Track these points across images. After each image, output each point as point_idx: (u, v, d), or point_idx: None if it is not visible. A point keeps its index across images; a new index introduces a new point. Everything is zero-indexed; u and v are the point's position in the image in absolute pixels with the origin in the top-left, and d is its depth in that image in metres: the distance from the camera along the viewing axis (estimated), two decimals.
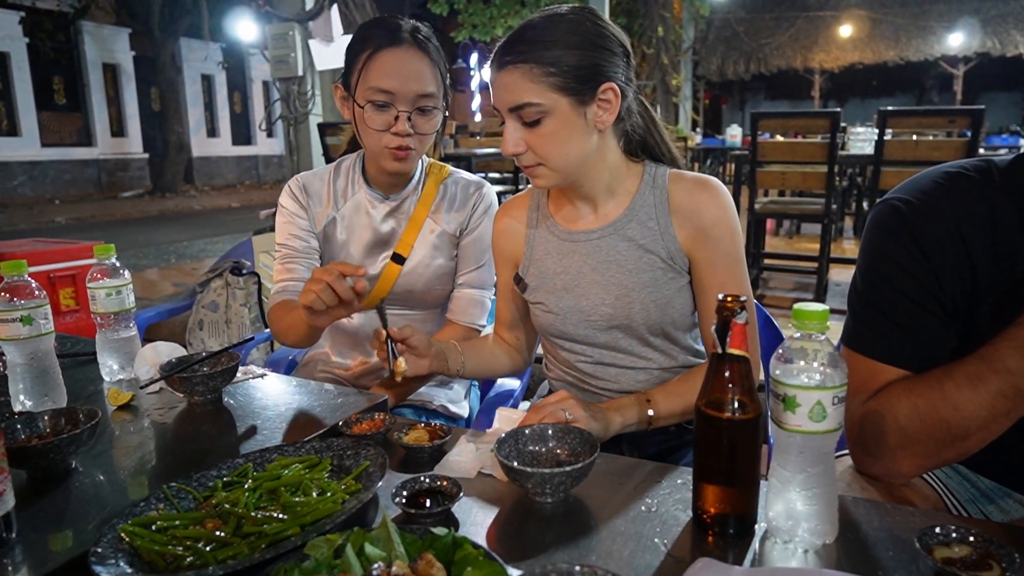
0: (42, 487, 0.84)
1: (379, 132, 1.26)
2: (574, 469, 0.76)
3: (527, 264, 1.21)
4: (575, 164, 1.07)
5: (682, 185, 1.12)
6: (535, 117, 1.02)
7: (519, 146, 1.05)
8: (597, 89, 1.03)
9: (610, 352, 1.16)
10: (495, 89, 1.06)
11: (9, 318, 1.03)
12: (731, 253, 1.09)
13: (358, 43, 1.28)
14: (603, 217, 1.15)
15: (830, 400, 0.66)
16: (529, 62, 1.01)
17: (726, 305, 0.69)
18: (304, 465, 0.85)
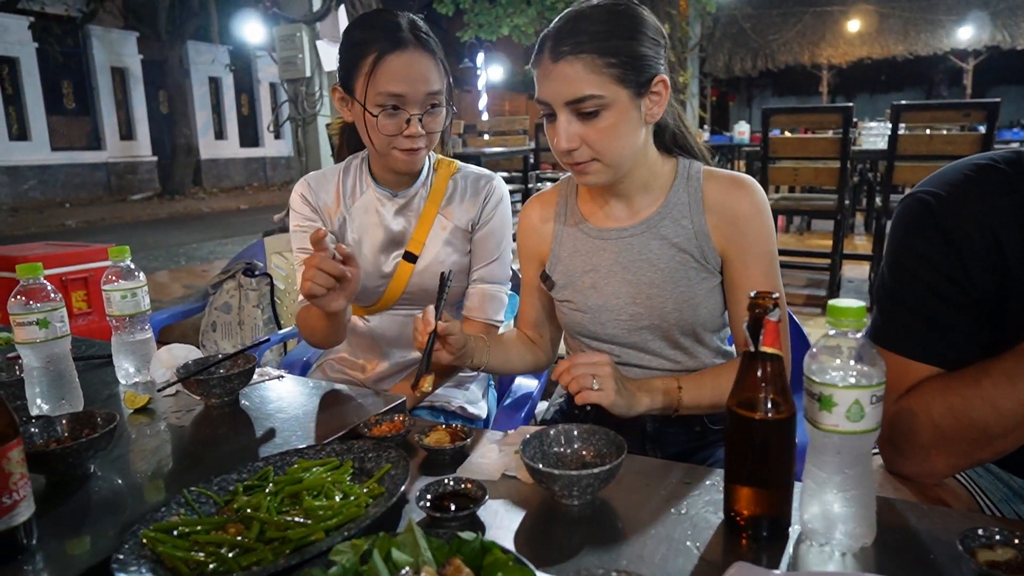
0: (61, 492, 0.83)
1: (390, 136, 1.24)
2: (602, 471, 0.75)
3: (554, 262, 1.20)
4: (628, 159, 1.05)
5: (717, 182, 1.10)
6: (594, 109, 0.99)
7: (574, 141, 1.01)
8: (651, 81, 1.02)
9: (637, 353, 1.14)
10: (548, 82, 1.01)
11: (25, 321, 1.02)
12: (766, 252, 1.07)
13: (359, 45, 1.23)
14: (635, 214, 1.13)
15: (868, 399, 0.64)
16: (592, 52, 0.97)
17: (759, 302, 0.68)
18: (325, 468, 0.84)
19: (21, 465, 0.69)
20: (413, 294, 1.38)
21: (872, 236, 5.93)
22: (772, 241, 1.08)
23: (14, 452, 0.68)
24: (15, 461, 0.68)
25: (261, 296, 2.12)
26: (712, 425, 1.15)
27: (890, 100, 9.91)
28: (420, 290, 1.37)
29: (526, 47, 14.65)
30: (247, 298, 2.10)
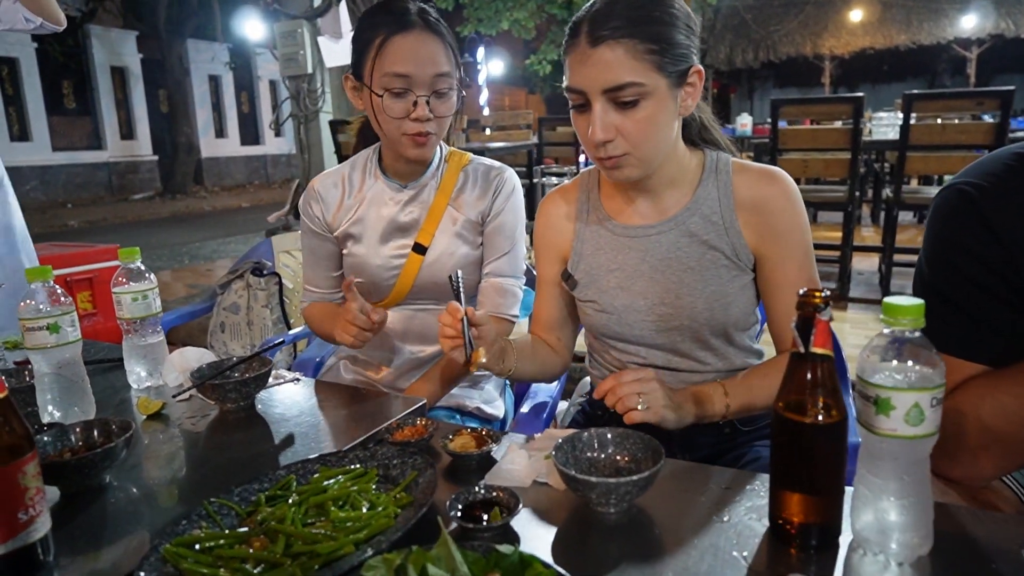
0: (77, 504, 0.80)
1: (398, 119, 1.22)
2: (641, 478, 0.72)
3: (576, 260, 1.15)
4: (661, 154, 1.01)
5: (748, 176, 1.06)
6: (633, 98, 0.94)
7: (610, 132, 0.96)
8: (688, 72, 0.98)
9: (664, 354, 1.10)
10: (585, 68, 0.95)
11: (36, 326, 0.99)
12: (802, 248, 1.03)
13: (366, 30, 1.24)
14: (663, 211, 1.09)
15: (928, 402, 0.60)
16: (634, 37, 0.92)
17: (809, 301, 0.64)
18: (349, 477, 0.81)
19: (37, 479, 0.66)
20: (424, 288, 1.35)
21: (880, 227, 5.90)
22: (807, 234, 1.04)
23: (29, 466, 0.65)
24: (30, 475, 0.65)
25: (270, 296, 2.09)
26: (742, 427, 1.12)
27: (893, 90, 9.70)
28: (431, 283, 1.34)
29: (526, 41, 14.59)
30: (256, 298, 2.07)
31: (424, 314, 1.38)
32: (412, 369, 1.38)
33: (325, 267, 1.43)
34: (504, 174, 1.36)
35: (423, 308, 1.38)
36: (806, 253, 1.04)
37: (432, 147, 1.28)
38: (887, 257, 3.60)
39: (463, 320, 0.98)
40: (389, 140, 1.27)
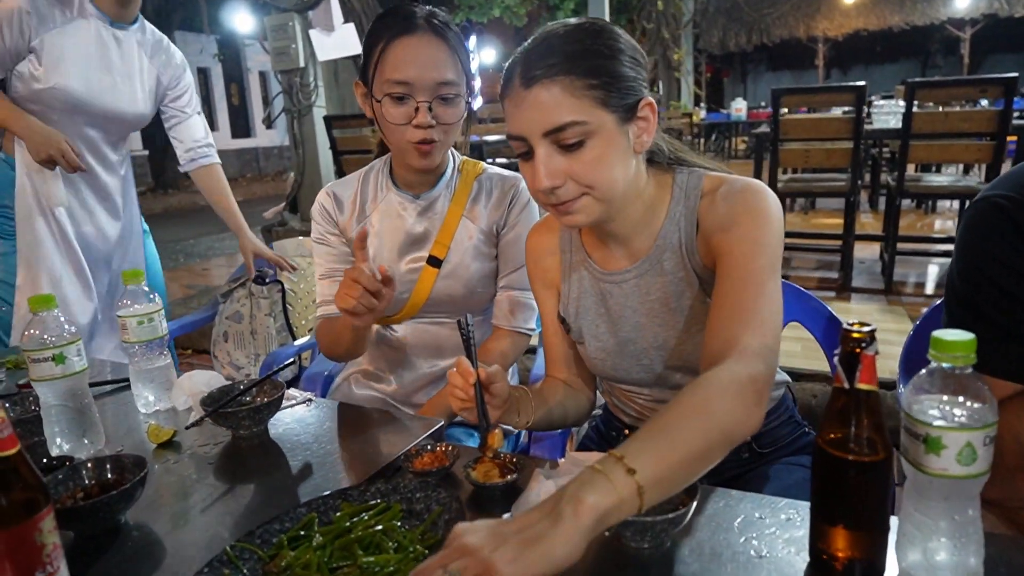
0: (92, 549, 0.78)
1: (400, 126, 1.18)
2: (677, 516, 0.70)
3: (566, 303, 1.11)
4: (620, 193, 0.92)
5: (714, 196, 0.96)
6: (576, 139, 0.86)
7: (557, 178, 0.87)
8: (637, 106, 0.90)
9: (671, 391, 1.06)
10: (521, 111, 0.87)
11: (40, 358, 0.96)
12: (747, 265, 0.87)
13: (372, 35, 1.21)
14: (635, 254, 1.02)
15: (981, 441, 0.58)
16: (570, 74, 0.85)
17: (852, 336, 0.62)
18: (373, 514, 0.78)
19: (54, 534, 0.64)
20: (438, 301, 1.32)
21: (879, 213, 5.88)
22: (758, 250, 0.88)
23: (45, 522, 0.62)
24: (47, 531, 0.63)
25: (273, 304, 2.06)
26: (760, 449, 1.09)
27: (886, 72, 9.61)
28: (446, 296, 1.31)
29: (517, 28, 14.46)
30: (259, 307, 2.04)
31: (438, 327, 1.35)
32: (427, 384, 1.36)
33: (340, 279, 1.39)
34: (519, 184, 1.33)
35: (437, 321, 1.35)
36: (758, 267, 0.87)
37: (437, 155, 1.24)
38: (890, 246, 3.58)
39: (477, 386, 0.90)
40: (395, 149, 1.24)
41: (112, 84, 1.84)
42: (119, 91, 1.86)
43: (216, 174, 2.09)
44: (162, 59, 1.94)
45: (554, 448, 1.21)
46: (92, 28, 1.78)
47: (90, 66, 1.78)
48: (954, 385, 0.59)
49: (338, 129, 4.57)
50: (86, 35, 1.77)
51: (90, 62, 1.78)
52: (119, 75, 1.85)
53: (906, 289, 3.78)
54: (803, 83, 18.28)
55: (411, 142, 1.19)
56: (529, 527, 0.60)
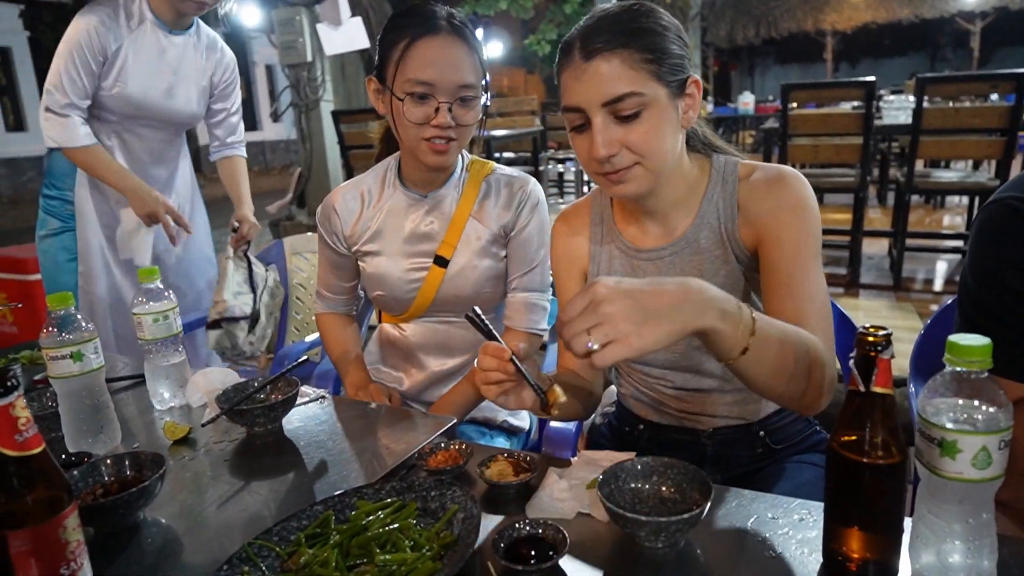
0: (112, 545, 0.79)
1: (419, 125, 1.18)
2: (692, 516, 0.70)
3: None
4: (668, 165, 0.97)
5: (753, 181, 1.01)
6: (634, 110, 0.91)
7: (613, 147, 0.92)
8: (686, 83, 0.95)
9: (695, 376, 1.07)
10: (580, 84, 0.92)
11: (59, 355, 0.97)
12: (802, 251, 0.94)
13: (392, 32, 1.20)
14: (672, 231, 1.05)
15: (996, 445, 0.59)
16: (628, 47, 0.90)
17: (868, 339, 0.62)
18: (389, 512, 0.79)
19: (77, 531, 0.65)
20: (445, 300, 1.32)
21: (887, 208, 5.85)
22: (810, 237, 0.95)
23: (69, 519, 0.63)
24: (71, 528, 0.64)
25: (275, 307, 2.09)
26: (774, 445, 1.10)
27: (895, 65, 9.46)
28: (453, 296, 1.32)
29: (524, 21, 14.40)
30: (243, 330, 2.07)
31: (446, 327, 1.36)
32: (436, 382, 1.36)
33: (339, 276, 1.42)
34: (528, 186, 1.33)
35: (445, 320, 1.36)
36: (807, 257, 0.94)
37: (453, 155, 1.25)
38: (899, 243, 3.57)
39: (513, 359, 0.86)
40: (408, 146, 1.24)
41: (168, 87, 1.91)
42: (175, 94, 1.93)
43: (238, 163, 2.16)
44: (215, 59, 2.00)
45: (566, 447, 1.21)
46: (152, 36, 1.85)
47: (150, 72, 1.86)
48: (969, 389, 0.60)
49: (345, 124, 4.57)
50: (146, 43, 1.84)
51: (150, 69, 1.85)
52: (176, 78, 1.91)
53: (915, 285, 3.76)
54: (811, 76, 18.15)
55: (428, 140, 1.20)
56: (661, 310, 0.70)
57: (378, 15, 5.81)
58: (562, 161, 6.47)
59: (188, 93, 1.96)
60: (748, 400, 1.08)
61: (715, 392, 1.08)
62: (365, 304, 1.57)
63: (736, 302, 0.77)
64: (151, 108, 1.90)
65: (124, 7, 1.81)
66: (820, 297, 0.93)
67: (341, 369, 1.40)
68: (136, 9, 1.82)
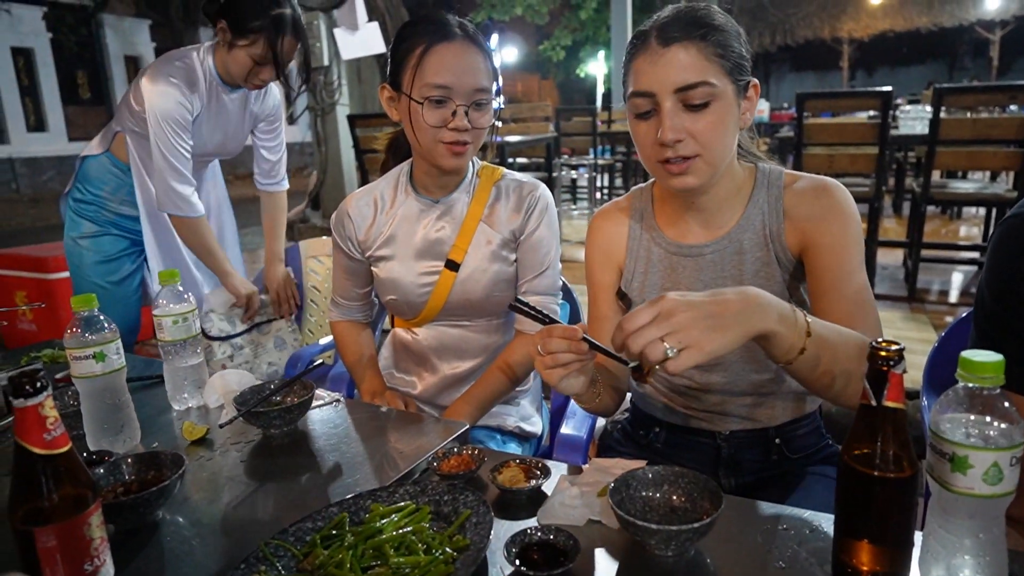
0: (131, 543, 0.81)
1: (435, 128, 1.21)
2: (703, 525, 0.71)
3: (630, 277, 1.14)
4: (727, 160, 1.00)
5: (798, 188, 1.05)
6: (704, 100, 0.94)
7: (680, 133, 0.95)
8: (748, 84, 1.00)
9: (720, 377, 1.08)
10: (655, 68, 0.95)
11: (82, 355, 1.00)
12: (849, 257, 0.99)
13: (407, 40, 1.23)
14: (715, 229, 1.08)
15: (1008, 461, 0.59)
16: (705, 39, 0.94)
17: (880, 354, 0.63)
18: (403, 515, 0.81)
19: (101, 528, 0.67)
20: (457, 304, 1.34)
21: (902, 218, 5.81)
22: (853, 247, 1.00)
23: (94, 517, 0.65)
24: (95, 525, 0.66)
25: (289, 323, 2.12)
26: (790, 454, 1.10)
27: (913, 73, 9.40)
28: (464, 300, 1.33)
29: (539, 27, 14.45)
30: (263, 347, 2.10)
31: (458, 331, 1.37)
32: (449, 386, 1.38)
33: (354, 282, 1.44)
34: (537, 191, 1.34)
35: (457, 325, 1.37)
36: (851, 266, 0.99)
37: (468, 158, 1.27)
38: (914, 253, 3.55)
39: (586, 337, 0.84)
40: (423, 150, 1.26)
41: (224, 139, 2.02)
42: (229, 138, 2.04)
43: (279, 200, 2.26)
44: (262, 103, 2.07)
45: (578, 453, 1.22)
46: (217, 95, 1.93)
47: (212, 128, 1.96)
48: (981, 404, 0.60)
49: (360, 128, 4.60)
50: (214, 103, 1.93)
51: (212, 125, 1.96)
52: (230, 129, 2.02)
53: (930, 297, 3.74)
54: (827, 84, 18.06)
55: (444, 142, 1.22)
56: (726, 317, 0.75)
57: (395, 20, 5.86)
58: (575, 167, 6.48)
59: (240, 137, 2.08)
60: (763, 404, 1.09)
61: (735, 395, 1.08)
62: (379, 309, 1.59)
63: (790, 306, 0.82)
64: (209, 153, 2.04)
65: (202, 69, 1.87)
66: (867, 298, 0.99)
67: (356, 375, 1.42)
68: (207, 70, 1.89)
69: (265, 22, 1.78)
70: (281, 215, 2.25)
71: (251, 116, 2.06)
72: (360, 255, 1.38)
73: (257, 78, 1.87)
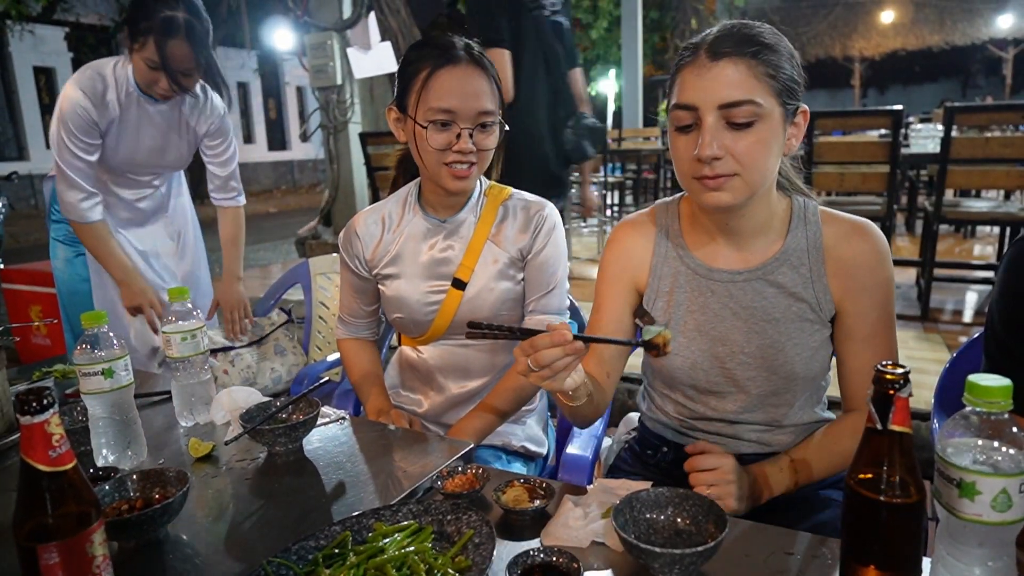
0: (135, 560, 0.81)
1: (440, 151, 1.22)
2: (707, 549, 0.70)
3: (653, 296, 1.11)
4: (765, 183, 0.98)
5: (838, 228, 1.03)
6: (748, 119, 0.92)
7: (720, 150, 0.93)
8: (797, 109, 0.97)
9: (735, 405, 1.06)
10: (702, 82, 0.93)
11: (91, 371, 1.01)
12: (885, 305, 1.01)
13: (413, 63, 1.24)
14: (748, 258, 1.05)
15: (1017, 487, 0.58)
16: (757, 57, 0.92)
17: (887, 377, 0.62)
18: (406, 534, 0.80)
19: (103, 546, 0.67)
20: (464, 323, 1.33)
21: (915, 236, 5.77)
22: (892, 291, 1.01)
23: (97, 534, 0.65)
24: (98, 543, 0.66)
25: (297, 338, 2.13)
26: None
27: (925, 91, 9.37)
28: (471, 318, 1.33)
29: None
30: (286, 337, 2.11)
31: (465, 349, 1.37)
32: (455, 405, 1.37)
33: (361, 300, 1.44)
34: (544, 210, 1.34)
35: (463, 344, 1.37)
36: (889, 311, 1.01)
37: (473, 180, 1.27)
38: (927, 272, 3.52)
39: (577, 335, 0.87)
40: (430, 172, 1.27)
41: (159, 148, 1.96)
42: (166, 153, 1.98)
43: (235, 216, 2.18)
44: (202, 114, 2.00)
45: (583, 473, 1.21)
46: (138, 106, 1.87)
47: (139, 138, 1.90)
48: (990, 430, 0.59)
49: (372, 146, 4.64)
50: (134, 113, 1.87)
51: (138, 135, 1.90)
52: (165, 140, 1.96)
53: (943, 317, 3.69)
54: (838, 102, 18.05)
55: (448, 166, 1.23)
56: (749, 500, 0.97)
57: (407, 40, 5.93)
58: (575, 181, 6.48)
59: (179, 149, 2.01)
60: (777, 431, 1.08)
61: (748, 425, 1.08)
62: (386, 327, 1.59)
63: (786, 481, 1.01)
64: (140, 166, 1.97)
65: (114, 81, 1.83)
66: (896, 352, 1.01)
67: (362, 393, 1.42)
68: (123, 80, 1.84)
69: (153, 24, 1.72)
70: (238, 231, 2.18)
71: (190, 129, 1.99)
72: (367, 273, 1.39)
73: (158, 86, 1.80)
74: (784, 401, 1.06)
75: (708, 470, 0.96)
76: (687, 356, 1.07)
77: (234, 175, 2.15)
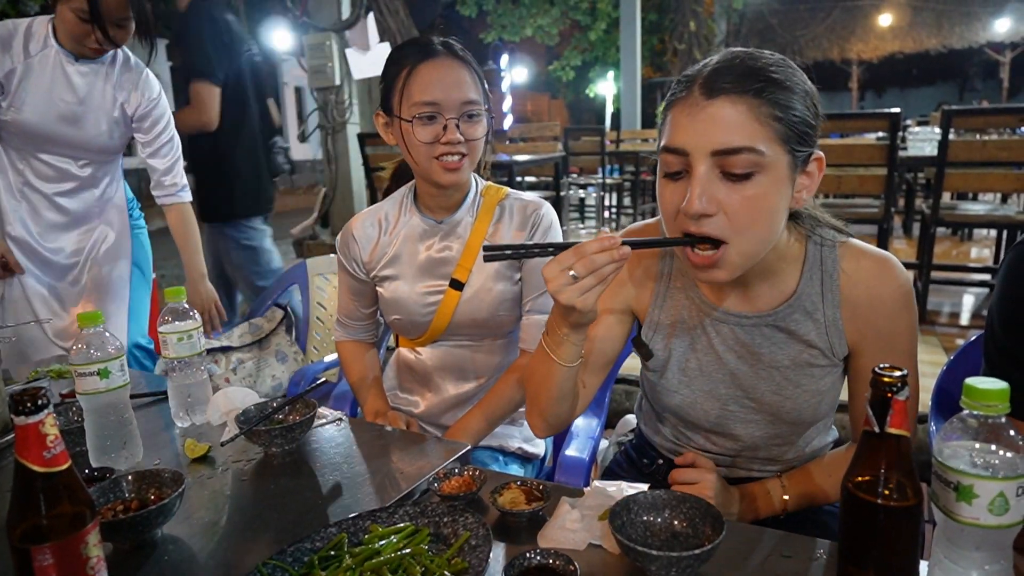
0: (130, 562, 0.80)
1: (429, 144, 1.22)
2: (704, 552, 0.70)
3: (652, 327, 1.03)
4: (764, 250, 0.85)
5: (858, 267, 0.92)
6: (746, 169, 0.79)
7: (711, 206, 0.80)
8: (811, 156, 0.84)
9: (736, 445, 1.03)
10: (694, 123, 0.80)
11: (87, 372, 1.00)
12: (906, 349, 0.92)
13: (393, 65, 1.26)
14: (756, 304, 0.96)
15: (1014, 491, 0.58)
16: (760, 96, 0.78)
17: (883, 380, 0.62)
18: (402, 536, 0.80)
19: (98, 547, 0.66)
20: (462, 324, 1.34)
21: (912, 239, 5.78)
22: (913, 336, 0.93)
23: (91, 535, 0.65)
24: (92, 544, 0.65)
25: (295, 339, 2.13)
26: None
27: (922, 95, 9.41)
28: (469, 319, 1.33)
29: (549, 47, 14.59)
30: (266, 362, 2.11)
31: (462, 350, 1.37)
32: (452, 406, 1.37)
33: (359, 303, 1.44)
34: (541, 209, 1.34)
35: (461, 345, 1.37)
36: (906, 357, 0.92)
37: (465, 172, 1.27)
38: (924, 275, 3.52)
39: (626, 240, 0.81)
40: (421, 168, 1.26)
41: (73, 116, 1.80)
42: (83, 123, 1.82)
43: (179, 214, 2.01)
44: (134, 89, 1.86)
45: (580, 475, 1.21)
46: (55, 63, 1.75)
47: (49, 100, 1.76)
48: (987, 433, 0.59)
49: (370, 146, 4.65)
50: (48, 70, 1.75)
51: (50, 96, 1.76)
52: (83, 108, 1.81)
53: (940, 319, 3.70)
54: (836, 105, 18.10)
55: (439, 159, 1.23)
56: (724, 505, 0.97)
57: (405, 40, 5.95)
58: (584, 187, 6.50)
59: (98, 123, 1.83)
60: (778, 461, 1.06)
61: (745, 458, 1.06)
62: (384, 328, 1.59)
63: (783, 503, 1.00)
64: (53, 136, 1.80)
65: (26, 31, 1.72)
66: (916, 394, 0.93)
67: (360, 395, 1.42)
68: (40, 34, 1.73)
69: None
70: (190, 229, 2.01)
71: (116, 104, 1.83)
72: (365, 275, 1.39)
73: (88, 40, 1.68)
74: (787, 441, 1.02)
75: (690, 483, 0.96)
76: (686, 395, 1.01)
77: (174, 168, 1.97)
